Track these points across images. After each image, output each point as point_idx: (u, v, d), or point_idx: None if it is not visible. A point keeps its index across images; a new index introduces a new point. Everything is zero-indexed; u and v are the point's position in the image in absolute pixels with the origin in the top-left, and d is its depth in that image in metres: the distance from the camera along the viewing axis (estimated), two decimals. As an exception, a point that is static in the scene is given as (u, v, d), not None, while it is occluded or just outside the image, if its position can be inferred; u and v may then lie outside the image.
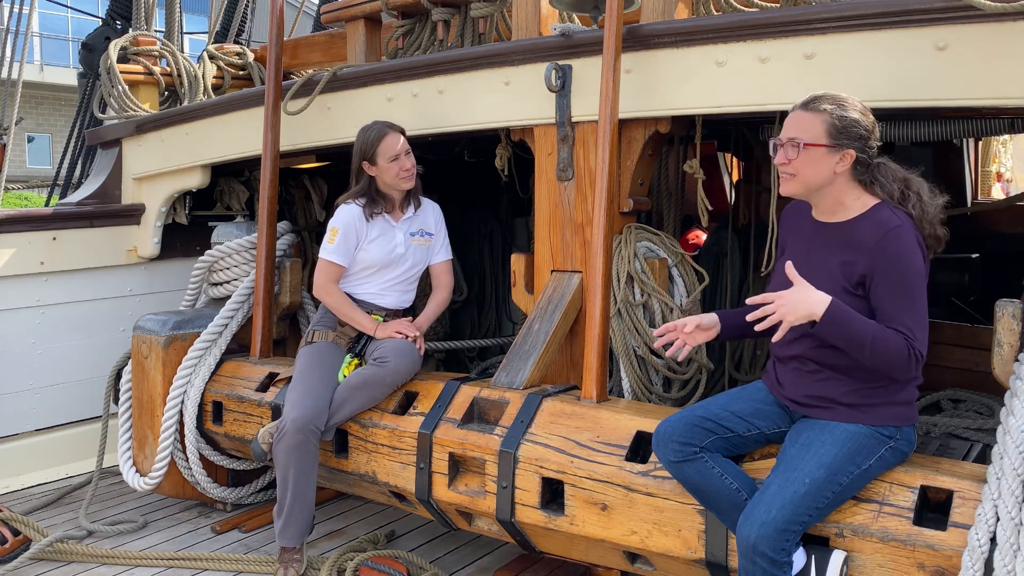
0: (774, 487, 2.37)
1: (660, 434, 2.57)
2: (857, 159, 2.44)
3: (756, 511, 2.34)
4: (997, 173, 6.59)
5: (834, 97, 2.46)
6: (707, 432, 2.53)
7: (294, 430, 3.32)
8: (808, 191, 2.51)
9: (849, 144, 2.42)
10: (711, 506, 2.54)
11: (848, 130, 2.42)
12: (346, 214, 3.63)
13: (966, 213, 5.39)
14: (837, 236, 2.50)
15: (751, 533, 2.31)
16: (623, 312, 3.35)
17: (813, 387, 2.52)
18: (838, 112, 2.42)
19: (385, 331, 3.58)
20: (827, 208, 2.54)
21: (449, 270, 3.87)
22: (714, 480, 2.49)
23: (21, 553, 3.73)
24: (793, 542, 2.33)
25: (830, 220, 2.54)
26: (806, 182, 2.47)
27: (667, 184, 4.79)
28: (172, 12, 6.37)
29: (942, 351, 4.68)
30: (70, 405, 4.88)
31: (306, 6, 11.03)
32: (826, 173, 2.45)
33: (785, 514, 2.31)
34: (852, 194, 2.50)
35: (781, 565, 2.31)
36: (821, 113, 2.43)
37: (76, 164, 6.22)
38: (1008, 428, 2.25)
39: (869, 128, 2.45)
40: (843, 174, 2.47)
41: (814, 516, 2.35)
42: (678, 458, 2.51)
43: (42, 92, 25.63)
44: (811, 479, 2.34)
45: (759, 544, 2.30)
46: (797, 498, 2.32)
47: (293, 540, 3.48)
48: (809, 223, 2.60)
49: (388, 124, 3.61)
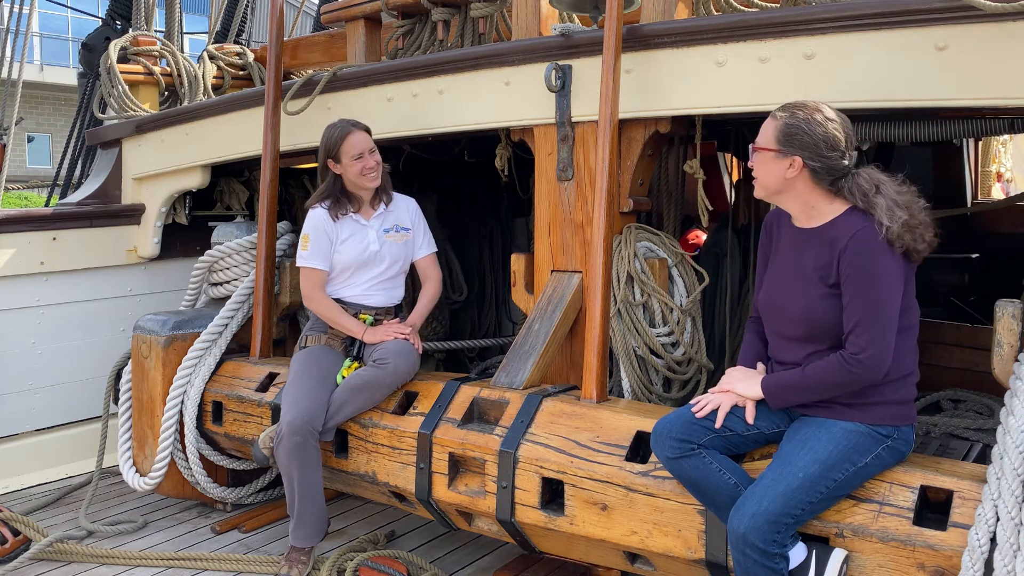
0: (767, 480, 2.39)
1: (658, 431, 2.58)
2: (809, 167, 2.44)
3: (747, 503, 2.36)
4: (997, 173, 6.59)
5: (795, 105, 2.48)
6: (705, 430, 2.54)
7: (290, 433, 3.32)
8: (768, 194, 2.57)
9: (795, 152, 2.44)
10: (709, 502, 2.54)
11: (794, 138, 2.44)
12: (313, 218, 3.65)
13: (966, 213, 5.39)
14: (813, 240, 2.52)
15: (740, 524, 2.34)
16: (623, 312, 3.35)
17: None
18: (787, 120, 2.46)
19: (375, 336, 3.57)
20: (799, 213, 2.57)
21: (435, 263, 3.87)
22: (712, 476, 2.49)
23: (21, 553, 3.73)
24: (785, 535, 2.34)
25: (806, 225, 2.57)
26: (763, 185, 2.55)
27: (667, 184, 4.79)
28: (172, 12, 6.37)
29: (942, 351, 4.68)
30: (70, 405, 4.88)
31: (306, 6, 11.02)
32: (776, 178, 2.50)
33: (776, 507, 2.32)
34: (822, 200, 2.51)
35: (772, 556, 2.32)
36: (774, 120, 2.50)
37: (76, 164, 6.21)
38: (1008, 428, 2.25)
39: (821, 137, 2.42)
40: (801, 181, 2.48)
41: (807, 511, 2.36)
42: (676, 454, 2.52)
43: (42, 92, 25.62)
44: (805, 473, 2.35)
45: (748, 535, 2.31)
46: (790, 491, 2.33)
47: (303, 541, 3.48)
48: (788, 230, 2.63)
49: (353, 122, 3.63)
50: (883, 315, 2.38)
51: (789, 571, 2.37)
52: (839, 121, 2.47)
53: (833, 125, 2.45)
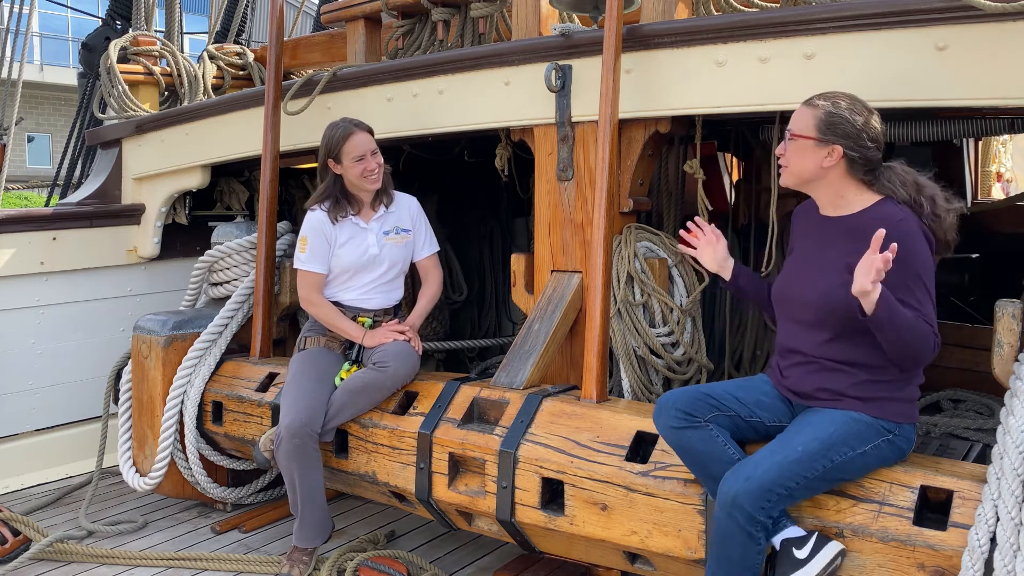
0: (766, 451, 2.42)
1: (662, 402, 2.57)
2: (848, 156, 2.46)
3: (744, 467, 2.39)
4: (997, 173, 6.59)
5: (834, 95, 2.50)
6: (710, 407, 2.54)
7: (289, 435, 3.32)
8: (799, 182, 2.57)
9: (836, 140, 2.45)
10: (710, 473, 2.52)
11: (836, 126, 2.45)
12: (312, 220, 3.61)
13: (966, 213, 5.38)
14: (843, 228, 2.53)
15: (734, 487, 2.35)
16: (623, 312, 3.35)
17: (819, 380, 2.53)
18: (829, 108, 2.47)
19: (374, 339, 3.56)
20: (828, 202, 2.58)
21: (437, 263, 3.85)
22: (716, 447, 2.49)
23: (21, 553, 3.73)
24: (775, 506, 2.35)
25: (835, 214, 2.57)
26: (796, 172, 2.55)
27: (667, 184, 4.78)
28: (172, 12, 6.37)
29: (942, 351, 4.63)
30: (70, 405, 4.88)
31: (306, 6, 11.02)
32: (812, 166, 2.50)
33: (772, 475, 2.33)
34: (853, 190, 2.52)
35: (756, 523, 2.33)
36: (814, 108, 2.50)
37: (76, 164, 6.21)
38: (1008, 428, 2.25)
39: (862, 128, 2.45)
40: (836, 171, 2.50)
41: (801, 485, 2.36)
42: (680, 424, 2.51)
43: (42, 92, 25.63)
44: (804, 448, 2.37)
45: (739, 497, 2.32)
46: (787, 462, 2.35)
47: (305, 542, 3.48)
48: (816, 220, 2.63)
49: (356, 122, 3.58)
50: (934, 303, 2.41)
51: (786, 539, 2.38)
52: (877, 114, 2.50)
53: (875, 117, 2.48)
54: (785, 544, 2.39)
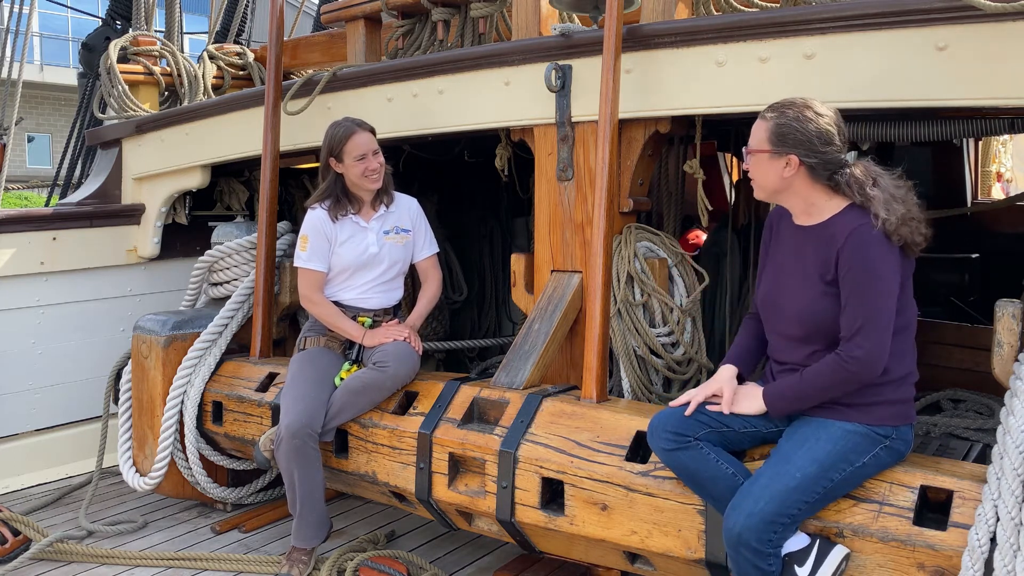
0: (764, 479, 2.39)
1: (653, 425, 2.59)
2: (805, 164, 2.45)
3: (744, 502, 2.36)
4: (997, 173, 6.59)
5: (784, 104, 2.49)
6: (701, 424, 2.54)
7: (289, 436, 3.32)
8: (769, 195, 2.58)
9: (789, 150, 2.44)
10: (708, 493, 2.53)
11: (786, 136, 2.44)
12: (312, 219, 3.62)
13: (966, 213, 5.39)
14: (813, 238, 2.52)
15: (736, 524, 2.34)
16: (623, 312, 3.35)
17: None
18: (777, 119, 2.46)
19: (374, 339, 3.56)
20: (801, 211, 2.57)
21: (436, 264, 3.85)
22: (710, 466, 2.49)
23: (21, 553, 3.73)
24: (781, 535, 2.35)
25: (806, 223, 2.57)
26: (763, 186, 2.56)
27: (667, 184, 4.79)
28: (172, 12, 6.37)
29: (942, 351, 4.68)
30: (70, 405, 4.88)
31: (306, 6, 11.02)
32: (774, 178, 2.50)
33: (772, 507, 2.33)
34: (822, 196, 2.51)
35: (765, 556, 2.33)
36: (764, 121, 2.51)
37: (76, 164, 6.22)
38: (1008, 428, 2.25)
39: (814, 134, 2.42)
40: (800, 179, 2.48)
41: (803, 510, 2.36)
42: (671, 446, 2.52)
43: (42, 92, 25.61)
44: (802, 473, 2.35)
45: (744, 534, 2.32)
46: (787, 492, 2.34)
47: (303, 541, 3.48)
48: (789, 228, 2.63)
49: (358, 122, 3.58)
50: (880, 313, 2.37)
51: (788, 554, 2.37)
52: (830, 115, 2.47)
53: (824, 120, 2.45)
54: (787, 561, 2.38)
